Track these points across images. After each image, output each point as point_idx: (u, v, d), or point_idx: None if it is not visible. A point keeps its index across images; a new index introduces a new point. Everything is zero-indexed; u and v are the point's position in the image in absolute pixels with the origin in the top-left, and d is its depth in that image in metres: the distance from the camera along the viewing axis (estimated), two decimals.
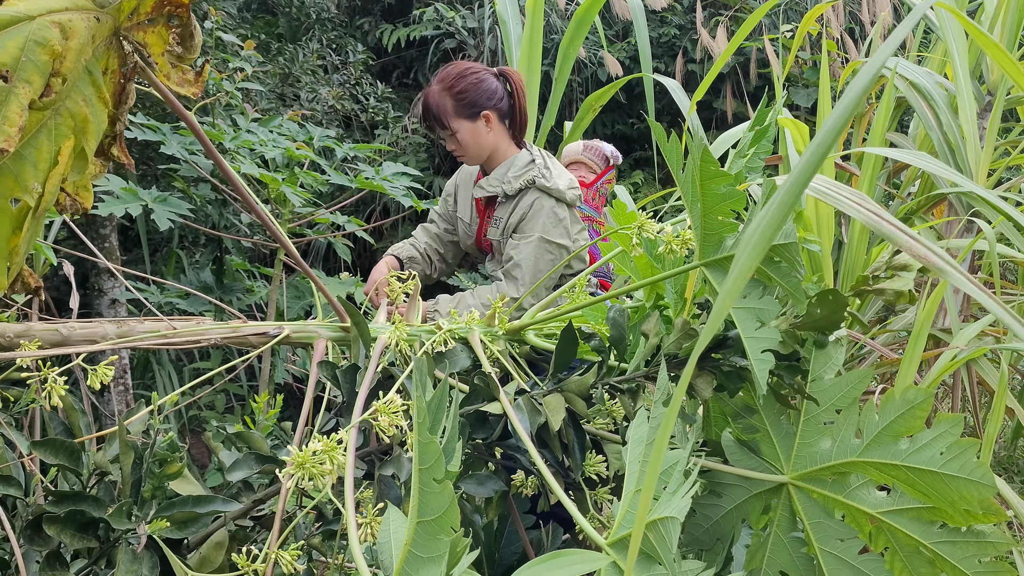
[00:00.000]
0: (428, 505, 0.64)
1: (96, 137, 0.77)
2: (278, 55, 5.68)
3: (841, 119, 0.54)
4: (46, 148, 0.73)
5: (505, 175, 2.15)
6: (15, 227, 0.74)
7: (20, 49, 0.67)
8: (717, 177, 0.86)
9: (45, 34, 0.68)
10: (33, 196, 0.73)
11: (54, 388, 0.93)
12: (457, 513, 0.64)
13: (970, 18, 2.19)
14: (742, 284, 0.52)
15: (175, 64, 0.81)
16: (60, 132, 0.73)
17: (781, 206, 0.53)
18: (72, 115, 0.74)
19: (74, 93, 0.73)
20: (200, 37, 0.82)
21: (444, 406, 0.74)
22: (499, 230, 2.17)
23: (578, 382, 1.00)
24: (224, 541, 0.97)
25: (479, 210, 2.27)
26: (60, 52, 0.69)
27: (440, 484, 0.64)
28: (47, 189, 0.74)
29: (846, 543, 0.94)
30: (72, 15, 0.70)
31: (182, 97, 0.86)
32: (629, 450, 0.79)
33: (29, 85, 0.68)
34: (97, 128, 0.76)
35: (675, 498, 0.71)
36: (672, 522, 0.69)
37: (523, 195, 2.12)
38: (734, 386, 0.98)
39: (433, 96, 2.11)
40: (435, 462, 0.64)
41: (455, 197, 2.35)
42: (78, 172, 0.78)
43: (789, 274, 0.88)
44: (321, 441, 0.77)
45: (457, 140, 2.15)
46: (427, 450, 0.64)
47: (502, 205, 2.17)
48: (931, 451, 0.89)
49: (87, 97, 0.74)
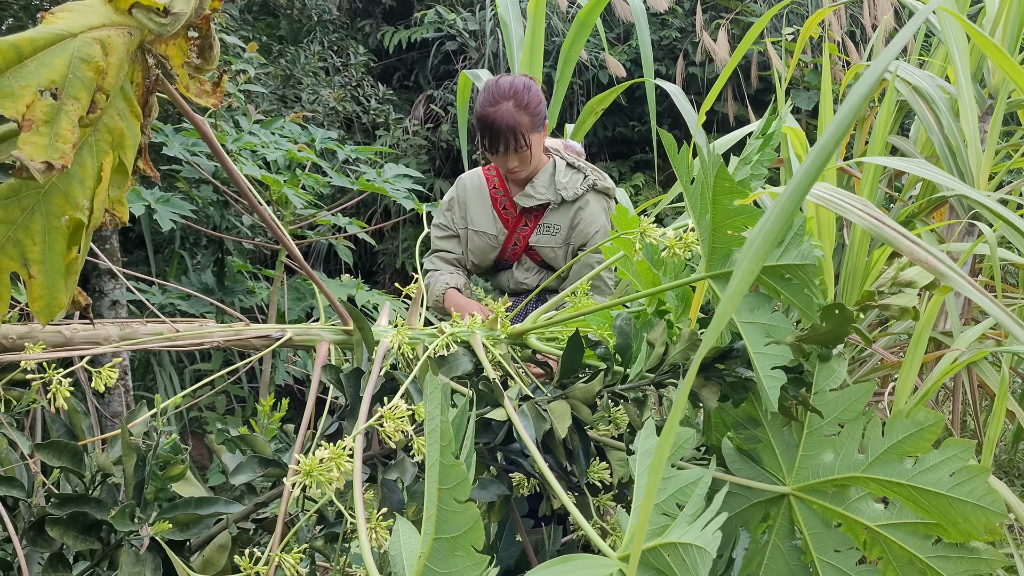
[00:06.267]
0: (448, 523, 0.65)
1: (133, 150, 0.78)
2: (280, 57, 5.68)
3: (842, 126, 0.54)
4: (90, 164, 0.73)
5: (553, 181, 2.15)
6: (70, 244, 0.75)
7: (67, 66, 0.68)
8: (730, 193, 0.86)
9: (89, 51, 0.69)
10: (84, 213, 0.74)
11: (59, 391, 0.94)
12: (481, 532, 0.64)
13: (971, 21, 2.20)
14: (743, 290, 0.52)
15: (193, 75, 0.82)
16: (100, 148, 0.74)
17: (782, 213, 0.53)
18: (110, 130, 0.74)
19: (110, 108, 0.73)
20: (218, 49, 0.82)
21: (463, 425, 0.75)
22: (556, 236, 2.15)
23: (583, 389, 1.00)
24: (227, 543, 0.98)
25: (509, 221, 2.21)
26: (103, 68, 0.70)
27: (463, 505, 0.64)
28: (95, 205, 0.75)
29: (844, 553, 0.94)
30: (110, 31, 0.71)
31: (205, 107, 0.86)
32: (638, 462, 0.79)
33: (77, 102, 0.69)
34: (133, 141, 0.77)
35: (697, 524, 0.71)
36: (700, 552, 0.68)
37: (584, 199, 2.15)
38: (738, 396, 0.98)
39: (508, 116, 2.04)
40: (459, 484, 0.64)
41: (465, 213, 2.26)
42: (118, 186, 0.78)
43: (800, 292, 0.88)
44: (328, 448, 0.77)
45: (526, 156, 2.10)
46: (450, 472, 0.64)
47: (555, 211, 2.16)
48: (939, 473, 0.89)
49: (121, 111, 0.75)
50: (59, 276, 0.75)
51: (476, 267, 2.29)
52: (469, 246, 2.26)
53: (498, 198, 2.25)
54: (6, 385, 1.05)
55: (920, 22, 0.62)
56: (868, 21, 5.77)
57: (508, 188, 2.24)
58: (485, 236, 2.23)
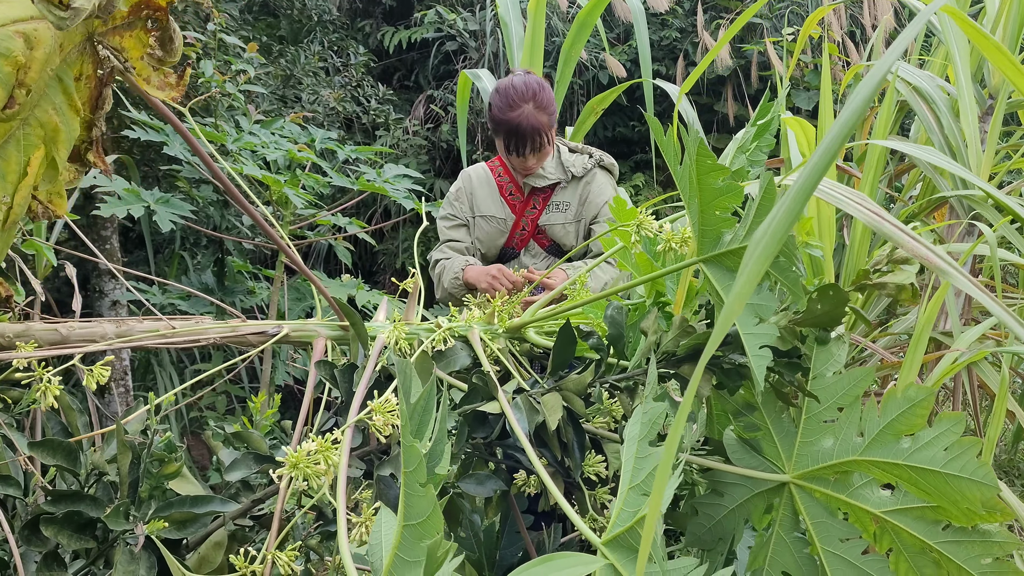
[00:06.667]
0: (413, 508, 0.64)
1: (67, 145, 0.76)
2: (280, 57, 5.69)
3: (847, 125, 0.54)
4: (15, 159, 0.71)
5: (560, 162, 2.24)
6: None
7: None
8: (714, 171, 0.85)
9: (8, 44, 0.67)
10: (2, 209, 0.72)
11: (49, 389, 0.93)
12: (440, 518, 0.63)
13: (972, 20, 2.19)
14: (753, 286, 0.52)
15: (155, 67, 0.80)
16: (29, 142, 0.72)
17: (789, 211, 0.53)
18: (42, 124, 0.72)
19: (43, 102, 0.72)
20: (181, 40, 0.81)
21: (432, 408, 0.74)
22: (567, 212, 2.24)
23: (576, 381, 0.99)
24: (223, 541, 0.97)
25: (516, 206, 2.28)
26: (24, 63, 0.68)
27: (423, 488, 0.63)
28: (15, 201, 0.73)
29: (849, 543, 0.93)
30: (38, 24, 0.68)
31: (167, 101, 0.85)
32: (624, 448, 0.79)
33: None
34: (68, 136, 0.75)
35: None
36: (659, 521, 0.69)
37: (592, 173, 2.25)
38: (734, 384, 0.97)
39: (532, 118, 2.10)
40: (417, 466, 0.63)
41: (471, 202, 2.32)
42: (49, 181, 0.76)
43: (788, 270, 0.87)
44: (316, 441, 0.77)
45: (545, 153, 2.19)
46: (409, 454, 0.63)
47: (565, 190, 2.25)
48: (933, 450, 0.88)
49: (57, 105, 0.73)
50: None
51: (483, 257, 2.34)
52: (477, 234, 2.30)
53: (504, 185, 2.31)
54: (2, 384, 1.05)
55: (921, 24, 0.61)
56: (868, 21, 5.76)
57: (514, 176, 2.31)
58: (494, 220, 2.28)
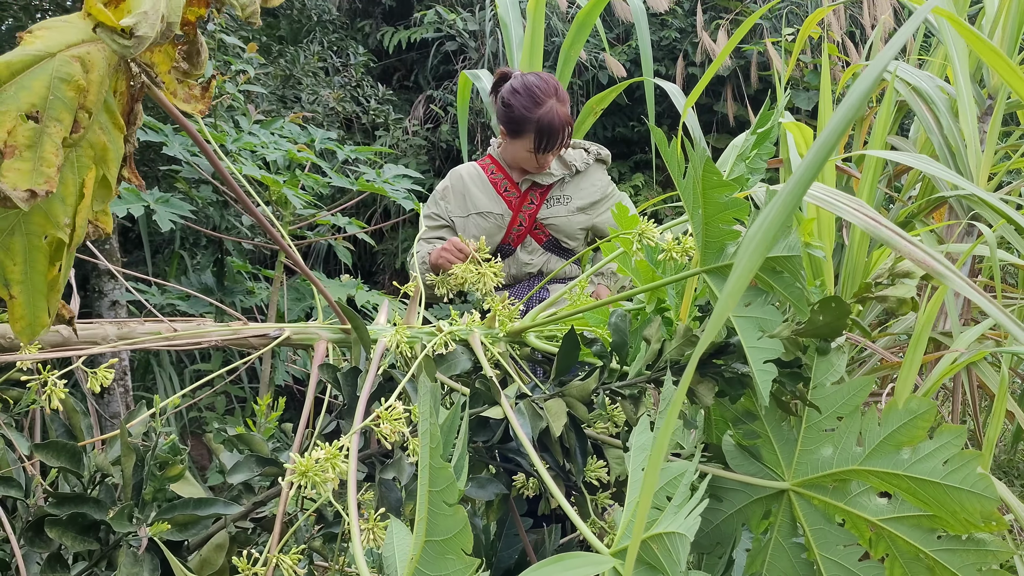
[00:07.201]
0: (438, 526, 0.64)
1: (116, 164, 0.76)
2: (279, 57, 5.68)
3: (841, 125, 0.54)
4: (71, 182, 0.72)
5: (561, 157, 2.28)
6: (51, 262, 0.74)
7: (47, 88, 0.66)
8: (719, 187, 0.86)
9: (68, 70, 0.67)
10: (65, 232, 0.73)
11: (54, 391, 0.93)
12: (470, 536, 0.64)
13: (970, 22, 2.20)
14: (742, 288, 0.52)
15: (181, 80, 0.81)
16: (82, 164, 0.73)
17: (781, 211, 0.53)
18: (92, 145, 0.73)
19: (93, 124, 0.73)
20: (206, 53, 0.82)
21: (455, 427, 0.75)
22: (569, 205, 2.28)
23: (579, 387, 1.00)
24: (225, 543, 0.98)
25: (512, 201, 2.29)
26: (84, 86, 0.68)
27: (452, 508, 0.64)
28: (77, 223, 0.74)
29: (846, 549, 0.93)
30: (89, 47, 0.69)
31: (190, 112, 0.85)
32: (632, 457, 0.79)
33: (60, 123, 0.67)
34: (116, 155, 0.76)
35: (682, 513, 0.71)
36: (680, 539, 0.69)
37: (592, 169, 2.32)
38: (735, 392, 0.98)
39: (561, 113, 2.14)
40: (447, 487, 0.64)
41: (463, 201, 2.32)
42: (103, 200, 0.77)
43: (792, 284, 0.88)
44: (323, 448, 0.77)
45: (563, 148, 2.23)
46: (439, 475, 0.64)
47: (568, 184, 2.30)
48: (933, 462, 0.89)
49: (103, 125, 0.74)
50: (41, 295, 0.74)
51: None
52: (473, 231, 2.29)
53: (498, 181, 2.32)
54: (4, 385, 1.05)
55: (918, 23, 0.62)
56: (868, 21, 5.76)
57: (508, 172, 2.31)
58: (491, 217, 2.28)
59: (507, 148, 2.27)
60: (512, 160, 2.28)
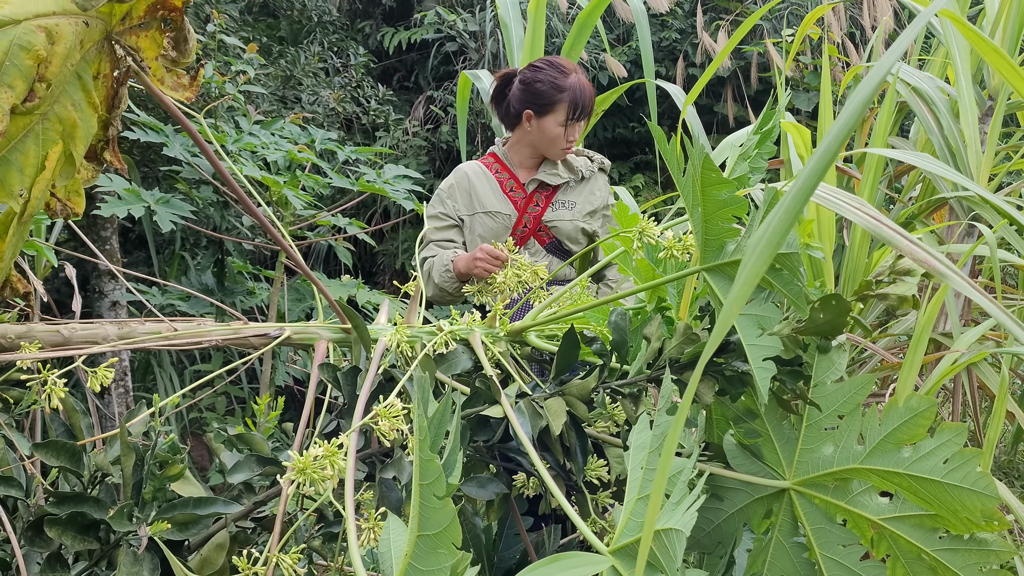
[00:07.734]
0: (429, 520, 0.64)
1: (85, 142, 0.76)
2: (280, 58, 5.69)
3: (845, 128, 0.54)
4: (33, 153, 0.72)
5: (568, 162, 2.32)
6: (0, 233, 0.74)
7: (4, 53, 0.66)
8: (718, 184, 0.86)
9: (30, 38, 0.67)
10: (19, 201, 0.72)
11: (54, 391, 0.93)
12: (458, 530, 0.64)
13: (971, 22, 2.20)
14: (749, 290, 0.52)
15: (169, 68, 0.81)
16: (48, 137, 0.73)
17: (787, 213, 0.53)
18: (60, 120, 0.73)
19: (63, 98, 0.72)
20: (195, 41, 0.81)
21: (446, 420, 0.74)
22: (573, 210, 2.31)
23: (579, 386, 1.00)
24: (225, 543, 0.97)
25: (518, 202, 2.29)
26: (45, 57, 0.68)
27: (441, 501, 0.64)
28: (33, 194, 0.73)
29: (848, 549, 0.93)
30: (60, 19, 0.69)
31: (181, 101, 0.85)
32: (631, 456, 0.79)
33: (12, 90, 0.67)
34: (86, 133, 0.76)
35: (679, 509, 0.71)
36: (677, 534, 0.69)
37: (596, 176, 2.36)
38: (736, 391, 0.97)
39: (589, 87, 2.21)
40: (436, 479, 0.64)
41: (470, 199, 2.30)
42: (67, 177, 0.77)
43: (791, 282, 0.88)
44: (322, 446, 0.77)
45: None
46: (428, 467, 0.64)
47: (572, 189, 2.32)
48: (934, 460, 0.89)
49: (76, 102, 0.74)
50: None
51: None
52: (479, 231, 2.27)
53: (504, 181, 2.31)
54: (4, 385, 1.05)
55: (921, 26, 0.62)
56: (868, 22, 5.77)
57: (513, 172, 2.32)
58: (499, 216, 2.27)
59: (529, 135, 2.25)
60: (537, 146, 2.26)
